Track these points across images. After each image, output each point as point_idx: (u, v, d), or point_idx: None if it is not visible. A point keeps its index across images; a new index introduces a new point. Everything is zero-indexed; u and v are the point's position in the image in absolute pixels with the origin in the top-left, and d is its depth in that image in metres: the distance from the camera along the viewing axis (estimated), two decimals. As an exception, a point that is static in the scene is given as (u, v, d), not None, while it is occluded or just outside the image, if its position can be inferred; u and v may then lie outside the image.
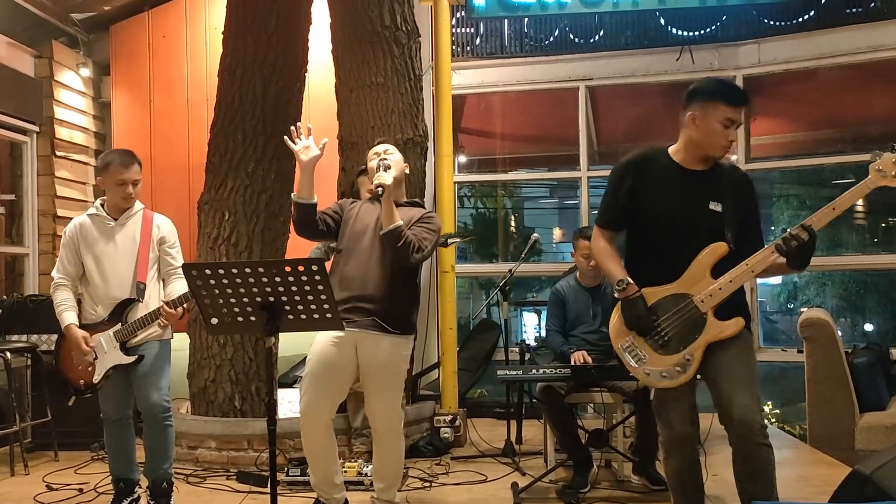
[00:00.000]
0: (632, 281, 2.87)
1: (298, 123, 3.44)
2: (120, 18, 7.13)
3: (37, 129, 6.59)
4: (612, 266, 2.95)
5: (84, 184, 7.02)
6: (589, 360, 4.32)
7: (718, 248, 2.81)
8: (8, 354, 4.91)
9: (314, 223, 3.44)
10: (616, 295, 2.92)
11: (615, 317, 2.94)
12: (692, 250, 2.82)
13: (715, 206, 2.85)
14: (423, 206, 3.72)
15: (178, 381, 5.17)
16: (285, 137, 3.38)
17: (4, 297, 5.83)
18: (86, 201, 6.95)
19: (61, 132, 6.75)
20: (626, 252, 3.04)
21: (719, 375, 2.77)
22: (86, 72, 7.04)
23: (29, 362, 5.41)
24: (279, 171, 5.32)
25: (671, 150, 2.96)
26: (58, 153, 6.68)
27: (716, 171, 2.93)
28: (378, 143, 3.67)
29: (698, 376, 2.88)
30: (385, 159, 3.48)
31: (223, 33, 5.39)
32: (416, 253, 3.34)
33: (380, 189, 3.32)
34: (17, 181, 6.60)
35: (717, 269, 2.81)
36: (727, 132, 2.82)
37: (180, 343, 5.01)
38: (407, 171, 3.68)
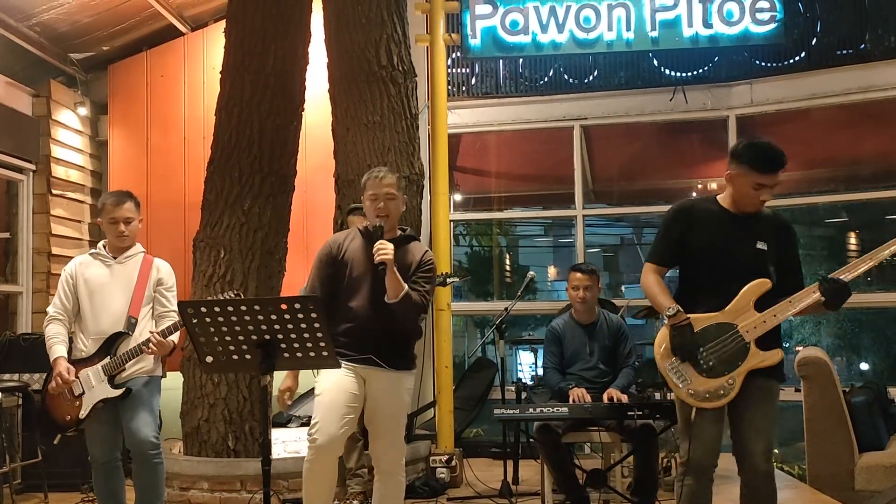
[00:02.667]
0: (680, 308, 3.05)
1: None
2: (118, 58, 7.20)
3: (33, 167, 6.60)
4: (661, 297, 3.14)
5: (79, 222, 7.01)
6: (588, 398, 4.28)
7: (764, 284, 3.04)
8: (-1, 394, 4.86)
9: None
10: (666, 321, 3.09)
11: (661, 337, 3.10)
12: (738, 284, 3.05)
13: (761, 245, 3.11)
14: (416, 238, 3.64)
15: (170, 421, 5.11)
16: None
17: (-4, 335, 5.78)
18: (81, 240, 6.94)
19: (58, 170, 6.76)
20: (678, 285, 3.27)
21: (743, 421, 3.06)
22: (83, 111, 7.08)
23: (20, 402, 5.35)
24: (275, 208, 5.33)
25: (719, 197, 3.23)
26: (54, 191, 6.68)
27: (758, 216, 3.18)
28: (379, 177, 3.43)
29: None
30: (379, 213, 3.38)
31: (221, 73, 5.44)
32: (424, 313, 3.40)
33: (382, 267, 3.24)
34: (13, 219, 6.59)
35: (759, 303, 3.04)
36: (758, 194, 3.07)
37: (174, 382, 4.97)
38: (403, 207, 3.59)
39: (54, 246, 6.61)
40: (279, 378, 3.31)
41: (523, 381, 5.71)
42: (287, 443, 5.04)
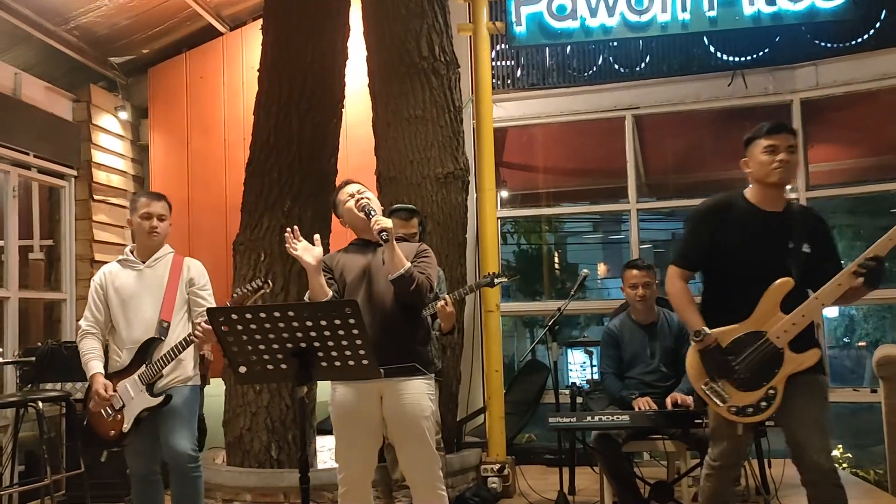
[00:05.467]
0: (709, 331, 2.97)
1: (295, 228, 3.25)
2: (158, 61, 7.14)
3: (75, 173, 6.56)
4: (691, 315, 3.06)
5: (122, 227, 6.94)
6: (654, 406, 3.99)
7: (787, 284, 2.93)
8: (40, 404, 4.74)
9: None
10: (694, 345, 3.02)
11: (692, 358, 3.04)
12: (764, 286, 2.95)
13: (792, 244, 2.99)
14: (405, 240, 3.55)
15: (215, 429, 4.96)
16: (286, 245, 3.24)
17: (39, 344, 5.71)
18: (123, 245, 6.86)
19: (99, 176, 6.70)
20: (703, 290, 3.17)
21: (793, 421, 2.94)
22: (124, 115, 7.02)
23: (63, 411, 5.26)
24: (316, 209, 5.13)
25: (746, 192, 3.12)
26: (95, 197, 6.63)
27: (790, 211, 3.08)
28: (349, 184, 3.39)
29: (771, 422, 3.07)
30: (362, 199, 3.26)
31: (259, 71, 5.28)
32: (430, 292, 3.19)
33: (384, 234, 3.07)
34: (55, 226, 6.56)
35: (785, 304, 2.93)
36: (772, 158, 3.00)
37: (217, 389, 4.83)
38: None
39: (97, 252, 6.56)
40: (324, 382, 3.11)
41: (577, 384, 5.43)
42: (333, 450, 4.85)
